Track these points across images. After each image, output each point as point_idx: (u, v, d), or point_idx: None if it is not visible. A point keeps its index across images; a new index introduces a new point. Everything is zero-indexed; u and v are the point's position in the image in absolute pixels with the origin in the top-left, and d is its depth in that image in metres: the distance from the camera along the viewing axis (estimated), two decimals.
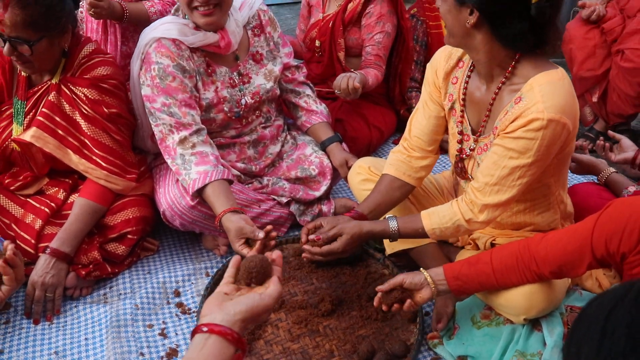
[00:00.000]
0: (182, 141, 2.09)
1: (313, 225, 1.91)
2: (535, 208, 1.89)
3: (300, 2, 5.82)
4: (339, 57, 2.98)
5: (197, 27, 2.16)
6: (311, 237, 1.88)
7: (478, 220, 1.72)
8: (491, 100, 1.74)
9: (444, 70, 1.88)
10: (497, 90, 1.72)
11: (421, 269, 1.73)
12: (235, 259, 1.32)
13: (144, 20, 2.65)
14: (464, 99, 1.84)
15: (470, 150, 1.85)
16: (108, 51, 2.67)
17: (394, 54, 3.04)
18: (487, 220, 1.73)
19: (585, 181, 2.47)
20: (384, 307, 1.71)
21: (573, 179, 2.70)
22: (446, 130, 1.99)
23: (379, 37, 2.88)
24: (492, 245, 1.95)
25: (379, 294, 1.70)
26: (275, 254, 1.33)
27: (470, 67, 1.82)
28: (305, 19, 3.19)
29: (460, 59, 1.86)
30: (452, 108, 1.89)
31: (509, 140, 1.62)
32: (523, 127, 1.59)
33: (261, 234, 1.83)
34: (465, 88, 1.83)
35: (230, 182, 2.09)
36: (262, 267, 1.28)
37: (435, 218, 1.78)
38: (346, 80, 2.47)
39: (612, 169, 2.21)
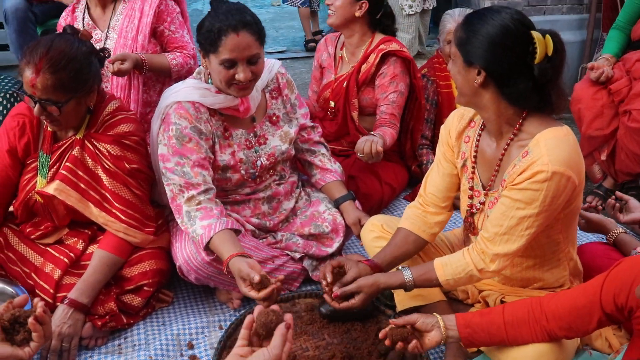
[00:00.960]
0: (189, 199, 2.14)
1: (337, 264, 1.95)
2: (545, 264, 1.93)
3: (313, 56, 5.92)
4: (353, 116, 3.05)
5: (219, 91, 2.24)
6: (331, 293, 1.91)
7: (490, 269, 1.78)
8: (500, 156, 1.83)
9: (457, 129, 1.98)
10: (506, 146, 1.81)
11: (434, 313, 1.78)
12: (248, 321, 1.37)
13: (165, 72, 2.77)
14: (475, 157, 1.93)
15: (481, 204, 1.92)
16: (130, 98, 2.78)
17: (406, 111, 3.11)
18: (499, 270, 1.79)
19: (594, 240, 2.50)
20: (387, 342, 1.73)
21: (582, 237, 2.72)
22: (459, 188, 2.06)
23: (393, 97, 2.95)
24: (502, 302, 1.98)
25: (388, 327, 1.74)
26: (287, 317, 1.39)
27: (481, 126, 1.91)
28: (317, 80, 3.28)
29: (471, 120, 1.96)
30: (464, 165, 1.98)
31: (516, 192, 1.70)
32: (529, 179, 1.67)
33: (256, 278, 1.82)
34: (477, 146, 1.92)
35: (237, 232, 2.12)
36: (271, 320, 1.34)
37: (448, 270, 1.83)
38: (369, 145, 2.52)
39: (621, 229, 2.24)
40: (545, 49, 1.64)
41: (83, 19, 2.81)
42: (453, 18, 3.09)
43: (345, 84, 3.04)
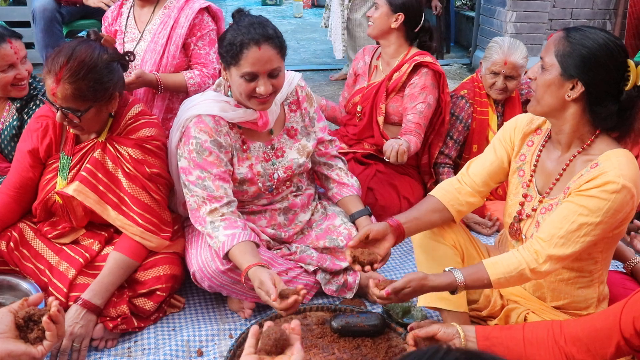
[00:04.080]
0: (212, 211, 2.16)
1: (364, 235, 1.95)
2: (579, 281, 1.96)
3: (334, 69, 5.99)
4: (378, 120, 3.08)
5: (238, 104, 2.25)
6: (381, 292, 1.84)
7: (542, 270, 1.80)
8: (564, 166, 1.87)
9: (523, 130, 2.03)
10: (571, 158, 1.86)
11: (453, 322, 1.80)
12: (254, 329, 1.37)
13: (182, 90, 2.77)
14: (535, 165, 1.97)
15: (532, 210, 1.95)
16: (154, 103, 2.80)
17: (428, 124, 3.11)
18: (549, 271, 1.81)
19: (611, 269, 2.47)
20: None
21: None
22: (499, 181, 2.10)
23: (421, 107, 2.98)
24: (525, 319, 1.99)
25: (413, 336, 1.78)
26: (293, 323, 1.39)
27: (546, 137, 1.96)
28: (350, 87, 3.33)
29: (539, 127, 2.01)
30: (520, 168, 2.01)
31: (583, 198, 1.74)
32: (598, 187, 1.72)
33: (273, 295, 1.82)
34: (539, 156, 1.96)
35: (257, 245, 2.14)
36: (282, 337, 1.34)
37: (500, 268, 1.83)
38: (397, 145, 2.59)
39: (639, 258, 2.23)
40: (636, 78, 1.71)
41: (127, 16, 2.85)
42: (502, 49, 3.03)
43: (375, 90, 3.10)
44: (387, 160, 2.65)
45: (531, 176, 1.97)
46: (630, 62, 1.72)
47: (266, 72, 2.11)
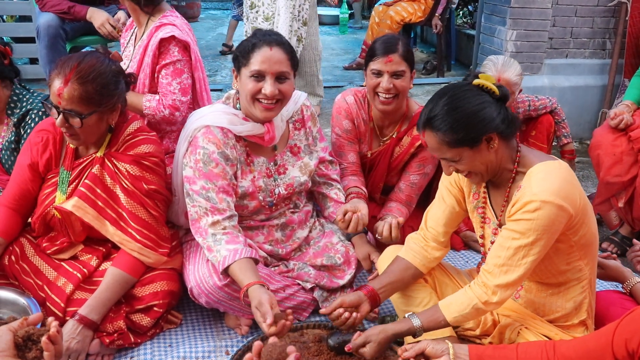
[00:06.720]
0: (214, 224, 2.16)
1: (337, 308, 2.03)
2: (569, 291, 1.98)
3: (337, 86, 5.83)
4: (374, 198, 2.86)
5: (246, 118, 2.27)
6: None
7: (493, 301, 1.83)
8: (507, 192, 1.92)
9: None
10: (509, 186, 1.90)
11: (446, 339, 1.81)
12: (257, 346, 1.38)
13: (139, 113, 2.66)
14: (484, 200, 2.01)
15: (492, 243, 1.98)
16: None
17: (434, 181, 2.82)
18: (501, 301, 1.84)
19: (610, 288, 2.47)
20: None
21: (598, 284, 2.68)
22: (458, 224, 2.16)
23: (415, 179, 2.73)
24: (518, 334, 2.00)
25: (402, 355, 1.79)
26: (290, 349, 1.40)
27: None
28: (354, 146, 2.75)
29: None
30: (477, 206, 2.04)
31: (511, 223, 1.79)
32: (520, 209, 1.76)
33: (269, 320, 1.84)
34: (485, 191, 2.01)
35: (256, 262, 2.15)
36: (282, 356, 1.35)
37: (454, 307, 1.88)
38: (389, 227, 2.45)
39: (637, 278, 2.22)
40: (487, 80, 1.81)
41: (131, 34, 2.85)
42: (495, 67, 2.93)
43: (376, 165, 2.79)
44: (379, 239, 2.51)
45: (484, 210, 2.02)
46: (476, 81, 1.80)
47: (274, 73, 2.14)
